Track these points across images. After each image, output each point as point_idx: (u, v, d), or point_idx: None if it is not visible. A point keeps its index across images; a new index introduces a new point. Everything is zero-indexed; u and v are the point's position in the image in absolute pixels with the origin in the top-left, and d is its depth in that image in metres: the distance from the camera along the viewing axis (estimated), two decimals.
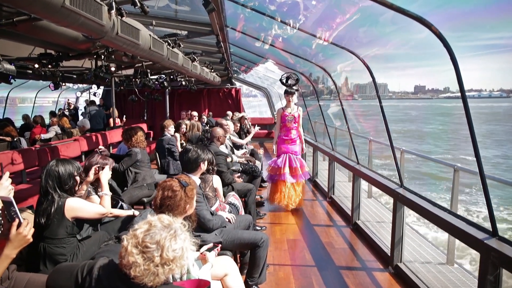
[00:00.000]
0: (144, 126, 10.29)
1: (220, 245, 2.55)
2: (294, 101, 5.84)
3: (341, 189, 6.73)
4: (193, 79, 9.87)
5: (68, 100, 15.69)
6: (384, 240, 4.35)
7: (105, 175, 3.00)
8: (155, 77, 8.96)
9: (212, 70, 9.54)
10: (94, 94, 13.23)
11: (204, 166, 3.24)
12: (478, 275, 2.55)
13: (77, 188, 2.70)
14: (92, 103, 11.36)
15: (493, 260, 2.38)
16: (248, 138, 7.76)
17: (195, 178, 3.11)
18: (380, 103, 4.27)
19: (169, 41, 4.92)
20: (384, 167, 13.59)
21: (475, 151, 2.61)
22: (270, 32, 5.67)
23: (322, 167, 7.92)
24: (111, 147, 8.22)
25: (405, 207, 3.73)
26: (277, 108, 7.85)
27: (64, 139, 8.16)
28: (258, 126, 7.94)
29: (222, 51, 6.96)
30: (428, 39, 2.72)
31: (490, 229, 2.56)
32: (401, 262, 3.75)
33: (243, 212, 4.04)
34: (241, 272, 2.76)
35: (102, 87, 13.57)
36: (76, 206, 2.52)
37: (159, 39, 4.51)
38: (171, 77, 8.98)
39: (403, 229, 3.77)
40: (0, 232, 1.86)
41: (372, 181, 4.72)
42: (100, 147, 4.67)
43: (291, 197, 5.69)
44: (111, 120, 10.03)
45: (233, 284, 2.54)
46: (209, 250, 2.35)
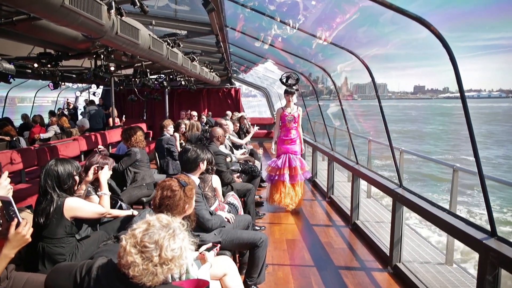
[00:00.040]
0: (143, 126, 10.29)
1: (219, 245, 2.55)
2: (294, 101, 5.78)
3: (340, 189, 6.72)
4: (192, 79, 9.86)
5: (68, 99, 15.67)
6: (383, 240, 4.35)
7: (104, 175, 3.00)
8: (154, 76, 8.95)
9: (212, 70, 9.53)
10: (94, 94, 13.23)
11: (203, 166, 3.24)
12: (477, 275, 2.55)
13: (76, 188, 2.70)
14: (91, 102, 11.36)
15: (492, 260, 2.38)
16: (248, 138, 7.76)
17: (194, 178, 3.11)
18: (380, 103, 4.27)
19: (168, 40, 4.92)
20: (385, 168, 13.34)
21: (474, 151, 2.62)
22: (269, 32, 5.66)
23: (322, 167, 7.91)
24: (110, 147, 8.22)
25: (404, 207, 3.74)
26: (276, 108, 7.83)
27: (63, 138, 8.15)
28: (257, 126, 7.95)
29: (221, 51, 6.95)
30: (427, 39, 2.72)
31: (489, 229, 2.57)
32: (400, 262, 3.76)
33: (242, 212, 4.04)
34: (240, 272, 2.77)
35: (101, 87, 13.55)
36: (75, 206, 2.52)
37: (158, 38, 4.51)
38: (171, 76, 8.96)
39: (402, 229, 3.78)
40: None
41: (371, 181, 4.72)
42: (99, 146, 4.67)
43: (291, 198, 5.66)
44: (111, 120, 10.02)
45: (232, 284, 2.54)
46: (208, 250, 2.34)
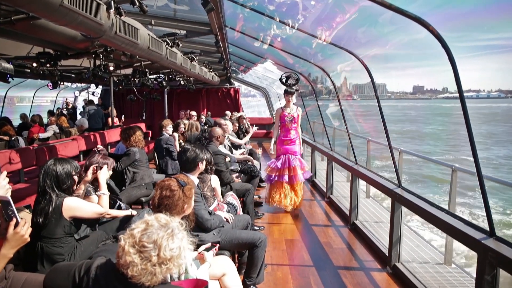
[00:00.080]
0: (142, 126, 10.29)
1: (218, 245, 2.55)
2: (293, 101, 5.72)
3: (339, 189, 6.73)
4: (191, 78, 9.86)
5: (66, 99, 15.66)
6: (382, 240, 4.35)
7: (103, 175, 2.99)
8: (153, 76, 8.93)
9: (211, 70, 9.53)
10: (93, 94, 13.23)
11: (202, 166, 3.24)
12: (475, 275, 2.56)
13: (75, 188, 2.70)
14: (90, 102, 11.36)
15: (490, 260, 2.38)
16: (247, 138, 7.76)
17: (193, 177, 3.11)
18: (379, 104, 4.27)
19: (167, 40, 4.91)
20: (386, 169, 12.95)
21: (473, 151, 2.62)
22: (269, 32, 5.65)
23: (321, 167, 7.92)
24: (109, 147, 8.21)
25: (403, 207, 3.74)
26: (275, 108, 7.82)
27: (62, 138, 8.14)
28: (256, 126, 7.95)
29: (221, 51, 6.94)
30: (427, 40, 2.72)
31: (488, 229, 2.57)
32: (399, 262, 3.76)
33: (241, 212, 4.04)
34: (239, 272, 2.77)
35: (100, 87, 13.53)
36: (74, 206, 2.52)
37: (157, 38, 4.51)
38: (170, 76, 8.96)
39: (401, 229, 3.78)
40: None
41: (370, 181, 4.72)
42: (98, 146, 4.67)
43: (291, 199, 5.60)
44: (110, 120, 10.01)
45: (231, 284, 2.54)
46: (207, 249, 2.34)
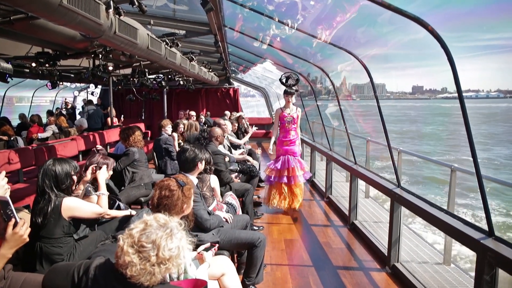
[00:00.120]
0: (142, 126, 10.28)
1: (217, 245, 2.55)
2: (293, 102, 5.69)
3: (338, 189, 6.73)
4: (191, 78, 9.84)
5: (66, 99, 15.64)
6: (381, 240, 4.36)
7: (102, 175, 2.99)
8: (153, 76, 8.91)
9: (210, 70, 9.52)
10: (92, 93, 13.21)
11: (201, 166, 3.24)
12: (474, 275, 2.56)
13: (74, 188, 2.69)
14: (89, 102, 11.34)
15: (489, 260, 2.39)
16: (246, 138, 7.75)
17: (192, 177, 3.11)
18: (378, 104, 4.27)
19: (167, 40, 4.91)
20: (386, 170, 12.84)
21: (472, 151, 2.62)
22: (268, 32, 5.65)
23: (320, 167, 7.92)
24: (108, 147, 8.21)
25: (402, 207, 3.74)
26: (275, 108, 7.81)
27: (61, 138, 8.13)
28: (255, 126, 7.95)
29: (220, 51, 6.94)
30: (426, 40, 2.72)
31: (487, 229, 2.57)
32: (398, 262, 3.76)
33: (240, 212, 4.04)
34: (238, 272, 2.77)
35: (99, 86, 13.53)
36: (73, 206, 2.52)
37: (157, 38, 4.50)
38: (169, 76, 8.94)
39: (400, 229, 3.78)
40: None
41: (370, 181, 4.72)
42: (97, 146, 4.67)
43: (290, 200, 5.57)
44: (109, 120, 10.01)
45: (230, 284, 2.54)
46: (206, 249, 2.34)
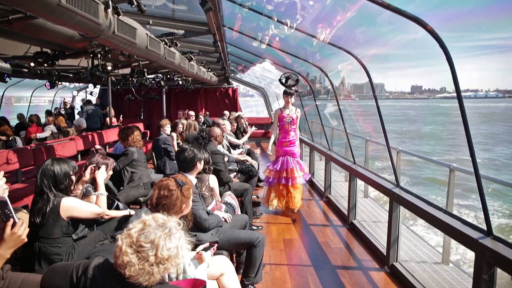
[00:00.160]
0: (140, 126, 10.27)
1: (216, 245, 2.55)
2: (292, 102, 5.65)
3: (337, 189, 6.74)
4: (190, 78, 9.84)
5: (64, 99, 15.61)
6: (380, 240, 4.36)
7: (101, 175, 2.98)
8: (151, 76, 8.91)
9: (209, 70, 9.52)
10: (91, 93, 13.19)
11: (200, 166, 3.24)
12: (473, 274, 2.57)
13: (72, 188, 2.69)
14: (88, 102, 11.32)
15: (487, 259, 2.39)
16: (245, 138, 7.74)
17: (191, 177, 3.10)
18: (377, 103, 4.28)
19: (166, 40, 4.90)
20: (387, 170, 12.78)
21: (471, 151, 2.63)
22: (267, 32, 5.65)
23: (319, 167, 7.93)
24: (107, 147, 8.21)
25: (401, 206, 3.75)
26: (274, 108, 7.80)
27: (60, 138, 8.12)
28: (254, 126, 7.94)
29: (219, 51, 6.94)
30: (425, 39, 2.73)
31: (485, 229, 2.58)
32: (397, 261, 3.77)
33: (239, 212, 4.03)
34: (237, 272, 2.76)
35: (98, 86, 13.51)
36: (71, 206, 2.51)
37: (156, 38, 4.50)
38: (168, 76, 8.94)
39: (399, 228, 3.79)
40: None
41: (368, 181, 4.73)
42: (96, 146, 4.67)
43: (289, 201, 5.52)
44: (108, 119, 10.00)
45: (229, 284, 2.54)
46: (205, 249, 2.34)
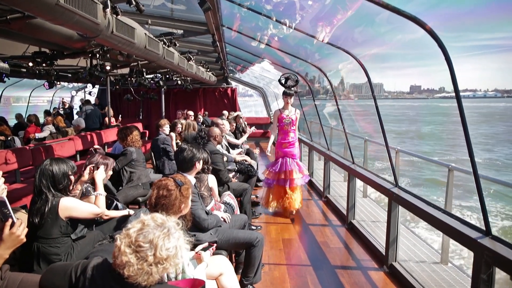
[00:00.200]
0: (139, 126, 10.25)
1: (215, 245, 2.55)
2: (291, 103, 5.57)
3: (336, 188, 6.74)
4: (189, 78, 9.84)
5: (63, 99, 15.58)
6: (379, 240, 4.37)
7: (100, 175, 2.98)
8: (150, 76, 8.91)
9: (208, 70, 9.52)
10: (89, 93, 13.17)
11: (199, 166, 3.24)
12: (471, 274, 2.57)
13: (71, 188, 2.68)
14: (87, 102, 11.31)
15: (486, 259, 2.40)
16: (244, 138, 7.73)
17: (190, 177, 3.10)
18: (376, 103, 4.28)
19: (164, 40, 4.90)
20: (387, 171, 12.70)
21: (469, 150, 2.63)
22: (266, 32, 5.64)
23: (318, 167, 7.93)
24: (106, 146, 8.20)
25: (400, 206, 3.75)
26: (273, 108, 7.79)
27: (59, 138, 8.11)
28: (254, 127, 7.93)
29: (218, 51, 6.94)
30: (423, 39, 2.73)
31: (484, 228, 2.58)
32: (395, 261, 3.77)
33: (238, 212, 4.03)
34: (236, 272, 2.76)
35: (97, 86, 13.50)
36: (70, 206, 2.51)
37: (154, 38, 4.49)
38: (167, 76, 8.94)
39: (398, 228, 3.79)
40: None
41: (367, 181, 4.73)
42: (95, 146, 4.66)
43: (288, 203, 5.48)
44: (107, 119, 9.99)
45: (228, 284, 2.54)
46: (204, 249, 2.34)
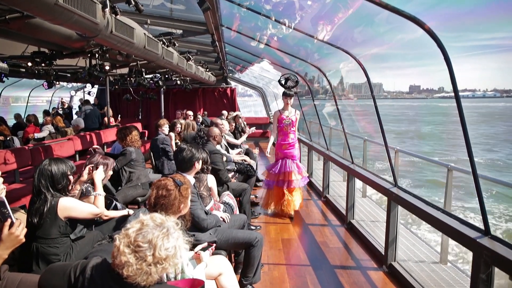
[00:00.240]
0: (139, 125, 10.25)
1: (214, 245, 2.55)
2: (291, 103, 5.54)
3: (336, 188, 6.75)
4: (188, 78, 9.84)
5: (62, 99, 15.57)
6: (378, 240, 4.37)
7: (99, 175, 2.97)
8: (150, 76, 8.90)
9: (207, 70, 9.51)
10: (89, 93, 13.15)
11: (198, 165, 3.24)
12: (470, 273, 2.57)
13: (70, 188, 2.68)
14: (86, 102, 11.31)
15: (485, 258, 2.40)
16: (243, 138, 7.72)
17: (189, 177, 3.10)
18: (375, 103, 4.28)
19: (164, 40, 4.89)
20: (388, 171, 12.63)
21: (468, 150, 2.64)
22: (265, 32, 5.64)
23: (317, 167, 7.93)
24: (105, 146, 8.19)
25: (399, 206, 3.75)
26: (272, 108, 7.78)
27: (58, 138, 8.10)
28: (254, 127, 7.91)
29: (217, 50, 6.94)
30: (423, 39, 2.73)
31: (483, 228, 2.59)
32: (395, 261, 3.78)
33: (237, 212, 4.03)
34: (235, 272, 2.76)
35: (96, 86, 13.49)
36: (69, 206, 2.51)
37: (154, 38, 4.49)
38: (166, 76, 8.93)
39: (397, 228, 3.80)
40: None
41: (367, 181, 4.73)
42: (94, 146, 4.66)
43: (288, 204, 5.45)
44: (106, 119, 9.98)
45: (227, 284, 2.54)
46: (203, 249, 2.34)
